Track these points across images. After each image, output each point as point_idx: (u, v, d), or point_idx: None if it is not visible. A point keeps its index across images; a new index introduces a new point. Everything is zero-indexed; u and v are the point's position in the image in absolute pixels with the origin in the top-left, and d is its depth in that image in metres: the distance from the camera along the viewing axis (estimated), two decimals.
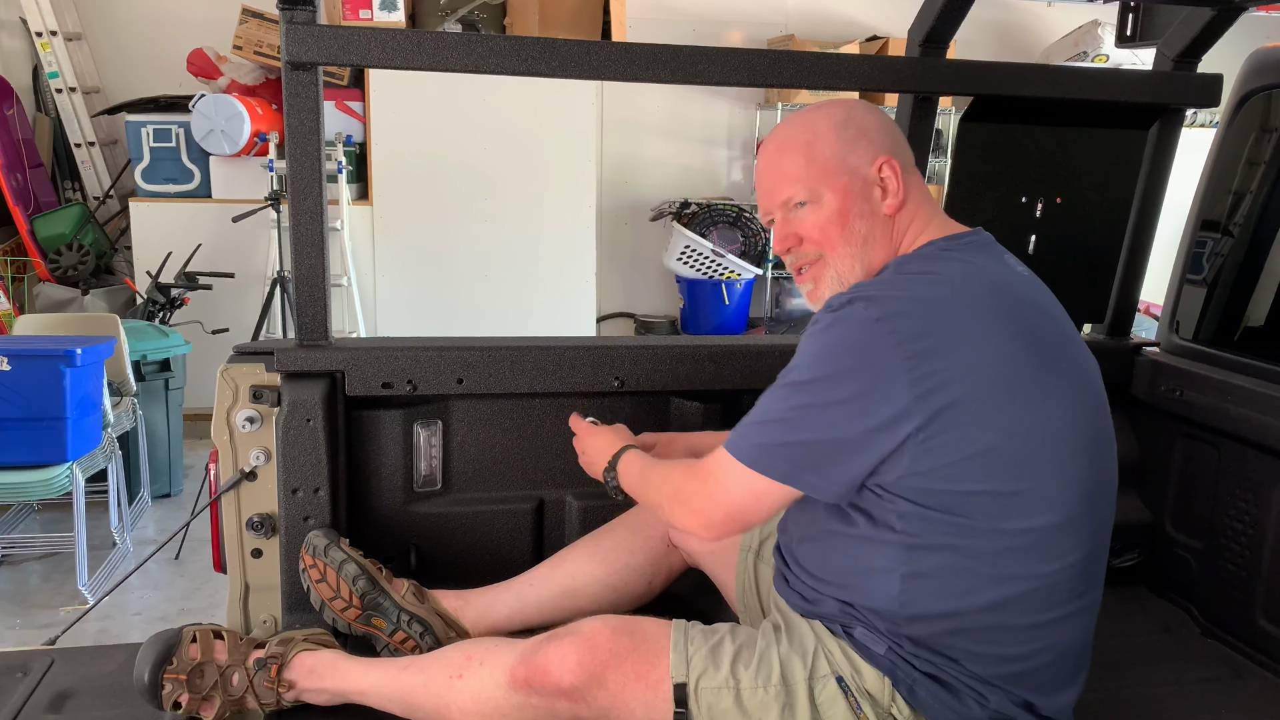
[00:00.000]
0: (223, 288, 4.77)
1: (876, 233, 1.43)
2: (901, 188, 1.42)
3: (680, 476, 1.47)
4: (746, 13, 6.06)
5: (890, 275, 1.39)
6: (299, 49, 1.63)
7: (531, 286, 5.22)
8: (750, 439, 1.36)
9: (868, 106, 1.48)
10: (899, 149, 1.46)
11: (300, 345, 1.83)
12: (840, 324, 1.30)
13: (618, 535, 1.83)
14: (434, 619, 1.76)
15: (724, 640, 1.44)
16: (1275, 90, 2.16)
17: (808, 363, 1.32)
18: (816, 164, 1.43)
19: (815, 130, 1.44)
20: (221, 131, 4.80)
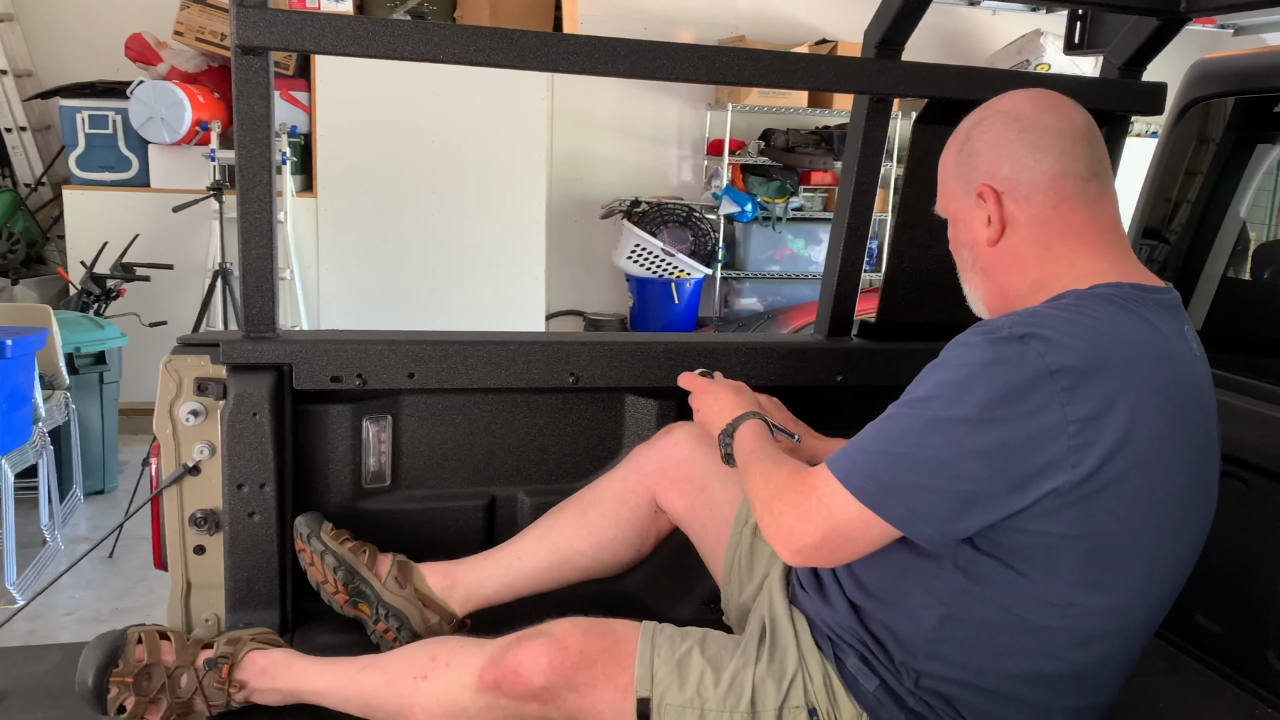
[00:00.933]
0: (161, 279, 4.65)
1: (982, 261, 1.34)
2: (1000, 220, 1.29)
3: (783, 483, 1.31)
4: (698, 13, 6.08)
5: (1066, 312, 1.19)
6: (250, 33, 1.59)
7: (479, 283, 5.17)
8: (867, 469, 1.21)
9: (992, 120, 1.33)
10: (1018, 170, 1.28)
11: (247, 337, 1.78)
12: (1007, 363, 1.14)
13: (604, 507, 1.78)
14: (412, 609, 1.74)
15: (693, 652, 1.41)
16: (1214, 100, 2.23)
17: (954, 395, 1.15)
18: (944, 182, 1.40)
19: (950, 144, 1.39)
20: (161, 119, 4.68)
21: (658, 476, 1.77)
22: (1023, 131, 1.29)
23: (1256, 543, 1.79)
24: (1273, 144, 2.29)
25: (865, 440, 1.23)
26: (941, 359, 1.21)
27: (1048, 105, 1.32)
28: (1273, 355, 2.16)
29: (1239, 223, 2.26)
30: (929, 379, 1.21)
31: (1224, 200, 2.24)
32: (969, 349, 1.18)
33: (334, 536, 1.78)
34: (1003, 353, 1.15)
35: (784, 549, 1.28)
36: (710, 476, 1.75)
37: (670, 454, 1.77)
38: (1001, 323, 1.18)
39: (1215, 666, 1.91)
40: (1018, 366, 1.13)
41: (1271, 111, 2.18)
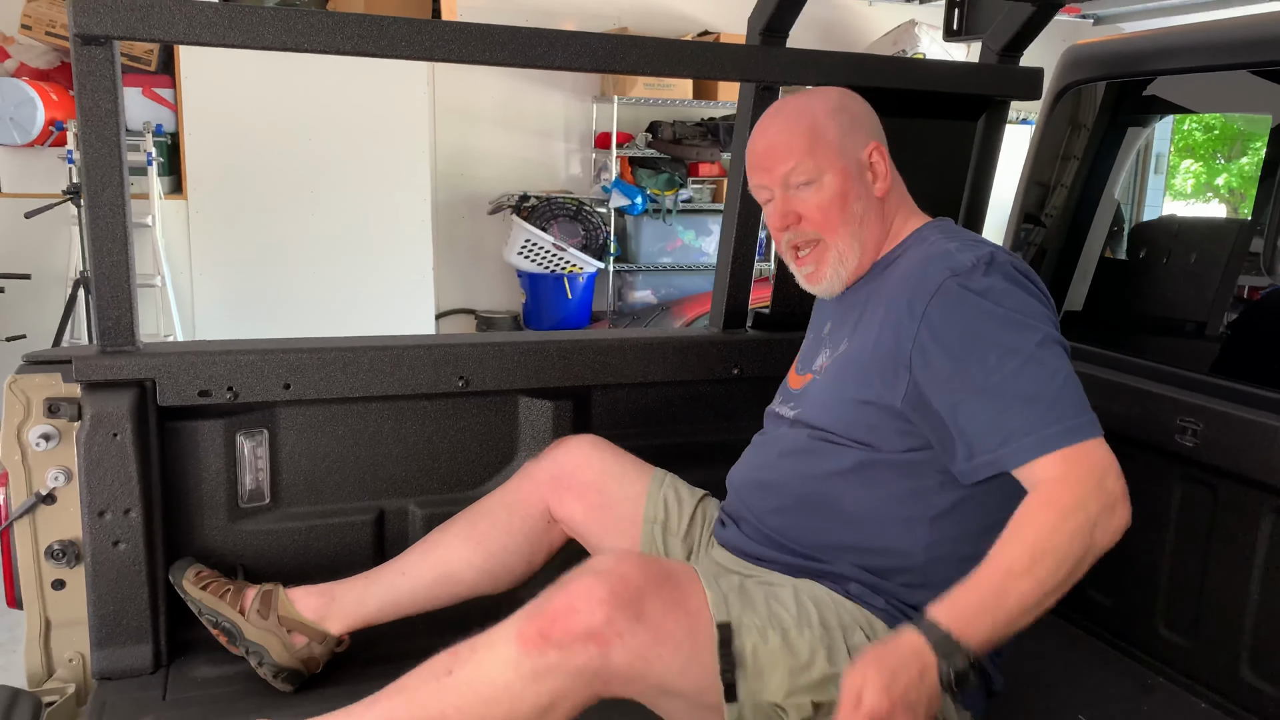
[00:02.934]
0: (17, 290, 4.35)
1: (870, 214, 1.51)
2: (887, 173, 1.52)
3: (1063, 505, 1.21)
4: (579, 5, 6.01)
5: (968, 238, 1.48)
6: (90, 20, 1.46)
7: (365, 283, 5.00)
8: (1064, 419, 1.25)
9: (853, 95, 1.56)
10: (879, 133, 1.55)
11: (103, 352, 1.65)
12: (1014, 282, 1.36)
13: (494, 517, 1.72)
14: (273, 639, 1.65)
15: (745, 584, 1.38)
16: (1087, 84, 2.28)
17: (1018, 333, 1.30)
18: (819, 146, 1.48)
19: (814, 115, 1.50)
20: (11, 119, 4.37)
21: (551, 485, 1.73)
22: (867, 107, 1.56)
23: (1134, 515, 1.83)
24: (1144, 126, 2.36)
25: (1024, 399, 1.27)
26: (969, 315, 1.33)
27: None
28: (1150, 333, 2.22)
29: (1114, 204, 2.33)
30: (990, 326, 1.32)
31: (1099, 182, 2.30)
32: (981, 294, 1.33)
33: (198, 580, 1.70)
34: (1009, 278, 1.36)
35: (1127, 507, 1.25)
36: (606, 479, 1.72)
37: (562, 462, 1.74)
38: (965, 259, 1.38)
39: (1109, 640, 1.96)
40: (1020, 279, 1.38)
41: (1142, 95, 2.24)
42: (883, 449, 1.42)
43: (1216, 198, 7.85)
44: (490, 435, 1.95)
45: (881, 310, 1.43)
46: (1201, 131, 7.76)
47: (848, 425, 1.45)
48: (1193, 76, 2.08)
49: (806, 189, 1.49)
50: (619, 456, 1.76)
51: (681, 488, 1.75)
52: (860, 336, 1.47)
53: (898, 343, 1.38)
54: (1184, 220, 2.40)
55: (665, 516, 1.70)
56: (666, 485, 1.74)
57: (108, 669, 1.67)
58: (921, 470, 1.41)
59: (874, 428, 1.43)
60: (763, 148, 1.52)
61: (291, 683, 1.66)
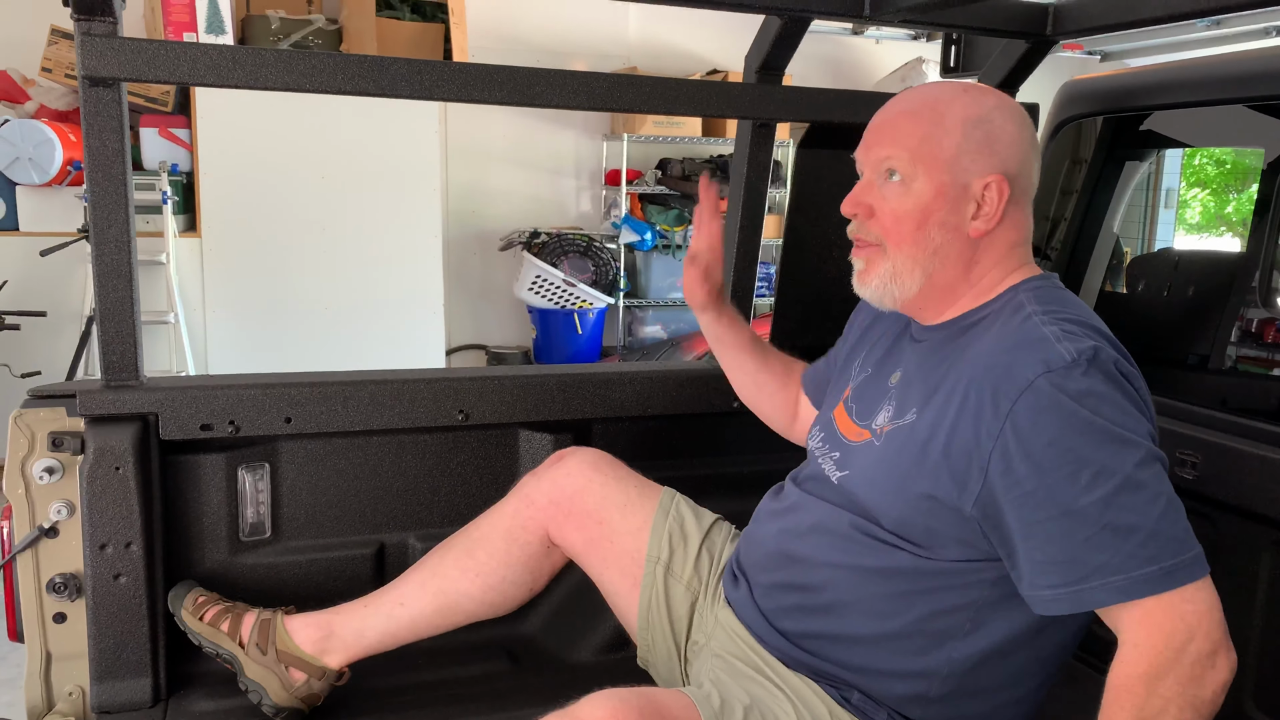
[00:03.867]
0: (33, 327, 4.40)
1: (950, 250, 1.30)
2: (998, 214, 1.29)
3: (1160, 667, 1.11)
4: (589, 44, 6.10)
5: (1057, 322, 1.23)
6: (97, 63, 1.50)
7: (376, 320, 5.05)
8: (1160, 558, 1.12)
9: (1014, 113, 1.31)
10: (1024, 171, 1.31)
11: (107, 386, 1.68)
12: (1116, 385, 1.18)
13: (492, 547, 1.67)
14: (272, 677, 1.63)
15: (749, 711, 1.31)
16: (1085, 119, 2.30)
17: (1116, 450, 1.14)
18: (929, 148, 1.28)
19: (946, 114, 1.29)
20: (30, 159, 4.45)
21: (550, 510, 1.67)
22: (1032, 135, 1.32)
23: None
24: (1141, 160, 2.38)
25: (1116, 531, 1.13)
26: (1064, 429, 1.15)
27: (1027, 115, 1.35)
28: (1150, 365, 2.22)
29: (1113, 237, 2.33)
30: (1085, 439, 1.15)
31: (1098, 216, 2.31)
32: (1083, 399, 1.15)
33: (196, 609, 1.69)
34: (1100, 378, 1.18)
35: (1228, 656, 1.13)
36: (609, 508, 1.66)
37: (563, 485, 1.67)
38: (1063, 352, 1.18)
39: None
40: (1121, 385, 1.19)
41: (1138, 129, 2.26)
42: (936, 556, 1.27)
43: (1228, 229, 7.86)
44: (490, 468, 1.96)
45: (961, 391, 1.24)
46: (1213, 165, 7.78)
47: (902, 520, 1.29)
48: (1189, 111, 2.10)
49: (894, 183, 1.31)
50: (621, 479, 1.69)
51: (688, 518, 1.67)
52: (933, 415, 1.27)
53: (977, 439, 1.20)
54: (1183, 253, 2.41)
55: (669, 556, 1.62)
56: (672, 517, 1.66)
57: (107, 703, 1.67)
58: (972, 586, 1.27)
59: (932, 531, 1.27)
60: (877, 122, 1.35)
61: (296, 718, 1.65)
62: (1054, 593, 1.17)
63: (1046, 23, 1.97)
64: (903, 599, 1.30)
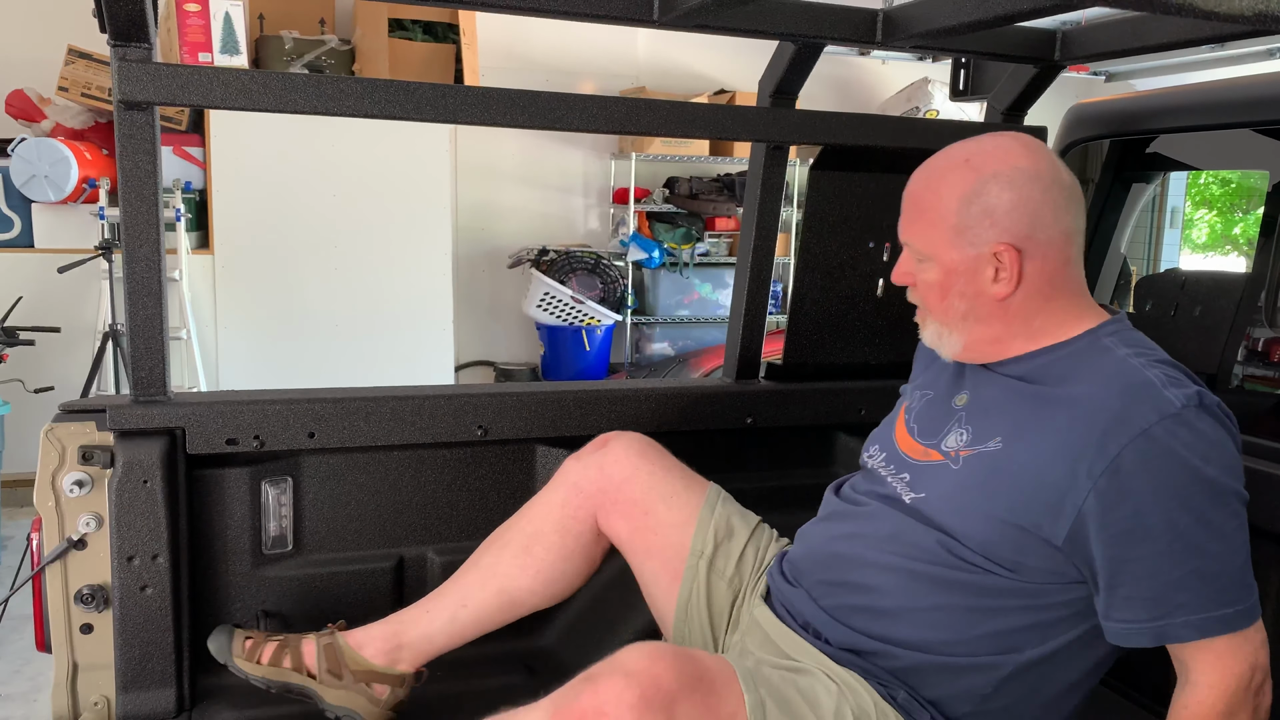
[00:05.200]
0: (47, 343, 4.44)
1: (980, 312, 1.36)
2: (1016, 277, 1.31)
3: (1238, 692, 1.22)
4: (598, 64, 6.16)
5: (1155, 366, 1.28)
6: (133, 88, 1.54)
7: (386, 336, 5.09)
8: (1236, 602, 1.21)
9: (1013, 176, 1.31)
10: (1038, 228, 1.31)
11: (136, 401, 1.71)
12: (1221, 428, 1.23)
13: (548, 542, 1.68)
14: (359, 699, 1.65)
15: (786, 686, 1.34)
16: (1092, 141, 2.33)
17: (1216, 501, 1.21)
18: (934, 228, 1.35)
19: (942, 196, 1.34)
20: (45, 177, 4.50)
21: (599, 498, 1.67)
22: (1046, 191, 1.31)
23: None
24: (1147, 183, 2.41)
25: (1202, 576, 1.21)
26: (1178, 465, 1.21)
27: (1057, 162, 1.35)
28: None
29: (1120, 258, 2.37)
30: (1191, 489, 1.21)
31: (1105, 237, 2.34)
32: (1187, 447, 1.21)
33: (249, 654, 1.67)
34: (1201, 423, 1.22)
35: (1269, 693, 1.25)
36: (654, 499, 1.66)
37: (610, 473, 1.67)
38: (1171, 398, 1.22)
39: (1121, 690, 1.95)
40: (1219, 428, 1.24)
41: (1145, 152, 2.29)
42: (1019, 579, 1.31)
43: (1234, 250, 7.88)
44: (508, 483, 1.99)
45: (1059, 427, 1.27)
46: (1218, 186, 7.81)
47: (986, 543, 1.31)
48: (1194, 134, 2.14)
49: (918, 260, 1.40)
50: (668, 469, 1.69)
51: (735, 516, 1.67)
52: (1025, 446, 1.30)
53: (1074, 477, 1.24)
54: (1190, 273, 2.44)
55: (713, 552, 1.62)
56: (719, 513, 1.66)
57: (132, 713, 1.70)
58: (1045, 607, 1.31)
59: (1019, 555, 1.30)
60: (906, 194, 1.42)
61: None
62: (1133, 626, 1.24)
63: (1054, 48, 2.02)
64: (975, 613, 1.33)
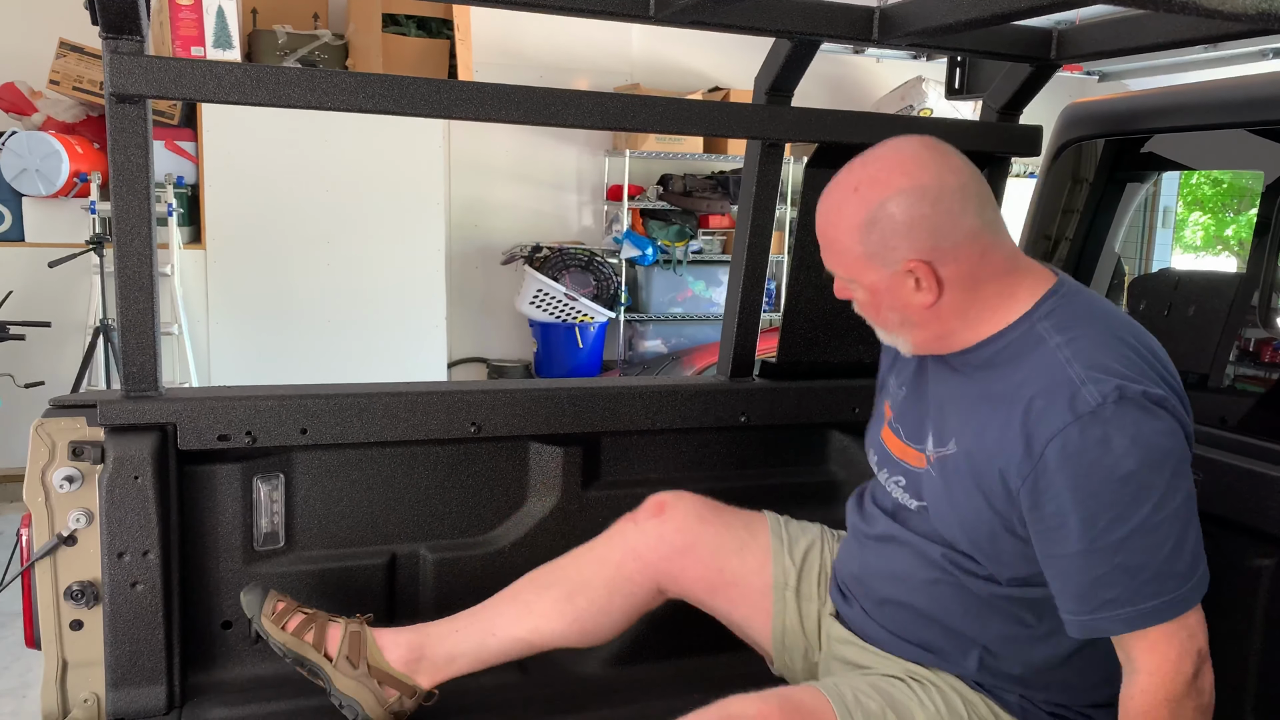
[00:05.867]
0: (38, 338, 4.42)
1: (915, 318, 1.37)
2: (936, 286, 1.32)
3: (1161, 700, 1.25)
4: (592, 61, 6.15)
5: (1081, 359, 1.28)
6: (125, 81, 1.53)
7: (378, 333, 5.07)
8: (1163, 593, 1.23)
9: (899, 200, 1.30)
10: (941, 239, 1.30)
11: (127, 396, 1.70)
12: (1140, 422, 1.23)
13: (594, 594, 1.69)
14: (366, 693, 1.65)
15: (885, 711, 1.39)
16: (1086, 141, 2.33)
17: (1135, 496, 1.22)
18: (846, 256, 1.36)
19: (841, 228, 1.35)
20: (36, 171, 4.48)
21: (661, 566, 1.69)
22: (936, 203, 1.30)
23: None
24: (1142, 182, 2.41)
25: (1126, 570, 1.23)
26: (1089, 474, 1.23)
27: (942, 166, 1.33)
28: None
29: (1114, 257, 2.37)
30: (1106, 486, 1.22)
31: (1099, 237, 2.34)
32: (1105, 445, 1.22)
33: (277, 617, 1.68)
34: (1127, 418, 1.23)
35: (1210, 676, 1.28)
36: (725, 555, 1.69)
37: (673, 542, 1.69)
38: (1089, 396, 1.23)
39: None
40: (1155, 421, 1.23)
41: (1139, 152, 2.29)
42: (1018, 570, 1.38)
43: (1226, 250, 7.90)
44: (501, 481, 1.99)
45: (998, 429, 1.32)
46: (1210, 186, 7.83)
47: (977, 544, 1.39)
48: (1189, 134, 2.14)
49: (848, 282, 1.41)
50: (729, 524, 1.72)
51: (799, 537, 1.72)
52: (973, 448, 1.36)
53: (1008, 476, 1.30)
54: (1183, 273, 2.44)
55: (797, 579, 1.68)
56: (786, 541, 1.71)
57: (122, 710, 1.69)
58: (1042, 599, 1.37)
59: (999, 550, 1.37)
60: (816, 225, 1.43)
61: None
62: (1070, 619, 1.30)
63: (1050, 47, 2.01)
64: (1009, 602, 1.40)
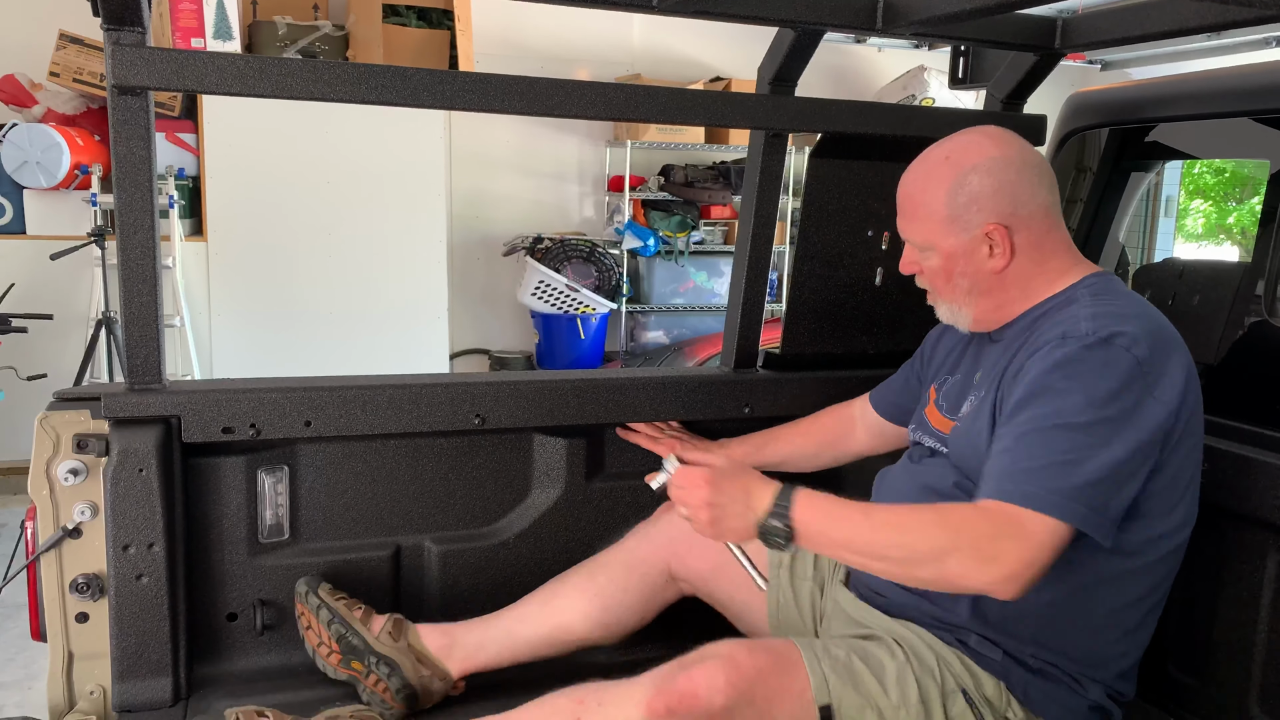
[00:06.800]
0: (40, 330, 4.42)
1: (983, 285, 1.53)
2: (1009, 251, 1.49)
3: (972, 524, 1.32)
4: (593, 51, 6.13)
5: (1109, 305, 1.43)
6: (127, 72, 1.52)
7: (380, 324, 5.07)
8: (1045, 484, 1.30)
9: (989, 165, 1.49)
10: (1019, 206, 1.48)
11: (131, 389, 1.70)
12: (1110, 365, 1.35)
13: (612, 573, 1.80)
14: (404, 658, 1.72)
15: (852, 658, 1.45)
16: (1091, 131, 2.33)
17: (1083, 404, 1.33)
18: (929, 221, 1.52)
19: (935, 184, 1.51)
20: (37, 163, 4.47)
21: (671, 547, 1.80)
22: (1020, 172, 1.50)
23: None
24: (1146, 171, 2.41)
25: (1022, 460, 1.33)
26: (1048, 373, 1.36)
27: (1022, 144, 1.54)
28: None
29: (1118, 247, 2.36)
30: (1047, 394, 1.35)
31: (1104, 226, 2.34)
32: (1072, 362, 1.36)
33: (331, 594, 1.77)
34: (1105, 358, 1.35)
35: (1011, 587, 1.30)
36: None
37: (679, 524, 1.72)
38: (1084, 328, 1.38)
39: None
40: (1117, 365, 1.35)
41: (1144, 141, 2.29)
42: None
43: (1228, 239, 7.89)
44: (505, 472, 1.99)
45: (1007, 358, 1.49)
46: (1212, 175, 7.81)
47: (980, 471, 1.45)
48: (1194, 123, 2.13)
49: (920, 250, 1.56)
50: None
51: None
52: (988, 383, 1.52)
53: (1004, 383, 1.46)
54: (1187, 263, 2.44)
55: (790, 559, 1.75)
56: None
57: (128, 702, 1.70)
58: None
59: None
60: (899, 196, 1.58)
61: (408, 705, 1.71)
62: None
63: (1055, 36, 2.00)
64: None
